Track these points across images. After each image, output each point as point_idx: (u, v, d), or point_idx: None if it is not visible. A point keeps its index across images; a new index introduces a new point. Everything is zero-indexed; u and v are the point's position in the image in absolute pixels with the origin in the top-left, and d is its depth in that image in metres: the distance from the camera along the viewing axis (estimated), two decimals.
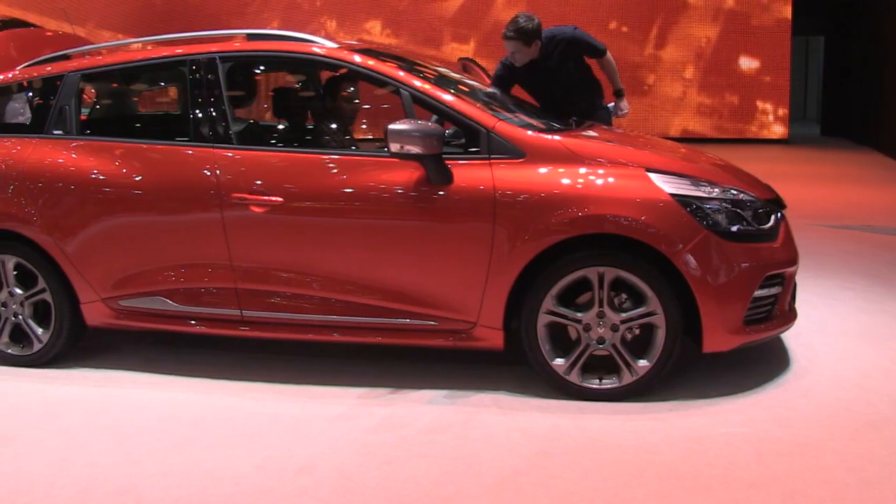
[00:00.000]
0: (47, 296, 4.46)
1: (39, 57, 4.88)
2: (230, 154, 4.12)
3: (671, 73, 16.20)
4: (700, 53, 16.02)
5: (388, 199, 3.87)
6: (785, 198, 4.21)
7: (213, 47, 4.37)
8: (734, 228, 3.74)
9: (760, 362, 4.19)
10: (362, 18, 17.53)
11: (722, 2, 15.87)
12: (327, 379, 4.16)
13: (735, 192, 3.84)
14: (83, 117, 4.70)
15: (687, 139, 12.94)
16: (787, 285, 3.94)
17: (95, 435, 3.67)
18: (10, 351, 4.57)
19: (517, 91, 5.52)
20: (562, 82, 5.45)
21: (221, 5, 17.71)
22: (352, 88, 4.87)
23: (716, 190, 3.79)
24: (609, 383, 3.79)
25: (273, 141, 4.76)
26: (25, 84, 4.88)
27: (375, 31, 17.25)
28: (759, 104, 16.01)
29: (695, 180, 3.80)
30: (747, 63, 15.88)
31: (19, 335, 4.56)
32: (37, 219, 4.37)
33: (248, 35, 4.52)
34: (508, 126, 3.89)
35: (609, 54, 5.65)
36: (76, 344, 4.60)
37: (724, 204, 3.76)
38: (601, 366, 3.81)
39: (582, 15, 15.52)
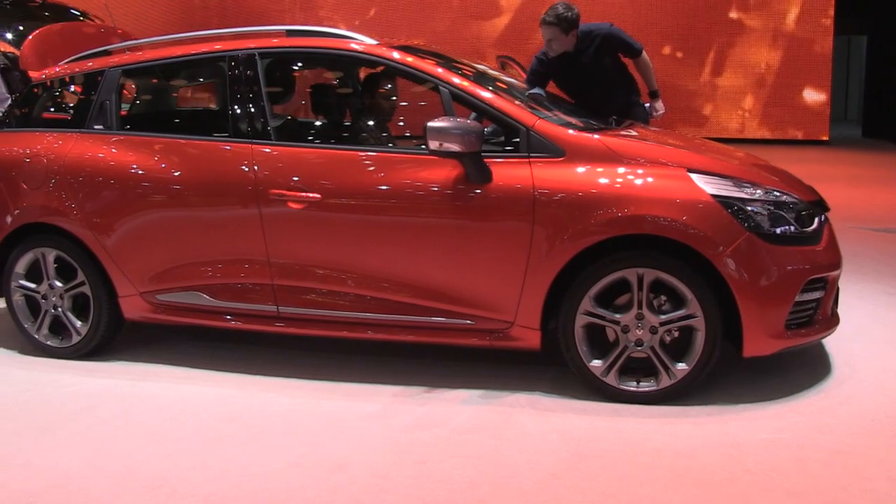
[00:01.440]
0: (86, 289, 4.50)
1: (82, 52, 4.92)
2: (269, 150, 4.12)
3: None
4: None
5: (427, 196, 3.84)
6: (826, 200, 4.13)
7: (253, 43, 4.38)
8: (777, 231, 3.67)
9: (801, 368, 4.12)
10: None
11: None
12: (362, 376, 4.16)
13: (778, 194, 3.77)
14: (123, 112, 4.74)
15: (725, 139, 12.77)
16: (830, 290, 3.86)
17: (131, 428, 3.70)
18: (49, 343, 4.63)
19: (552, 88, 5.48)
20: (597, 78, 5.40)
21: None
22: (390, 85, 4.86)
23: (758, 191, 3.73)
24: (646, 386, 3.75)
25: (311, 137, 4.76)
26: (68, 79, 4.93)
27: None
28: (803, 115, 15.70)
29: (737, 181, 3.74)
30: (789, 69, 15.57)
31: (59, 327, 4.62)
32: (77, 213, 4.41)
33: (288, 31, 4.52)
34: (548, 124, 3.85)
35: (645, 54, 5.59)
36: (114, 337, 4.64)
37: (766, 206, 3.69)
38: (639, 368, 3.76)
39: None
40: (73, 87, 5.08)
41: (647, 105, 5.70)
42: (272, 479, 3.20)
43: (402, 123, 5.23)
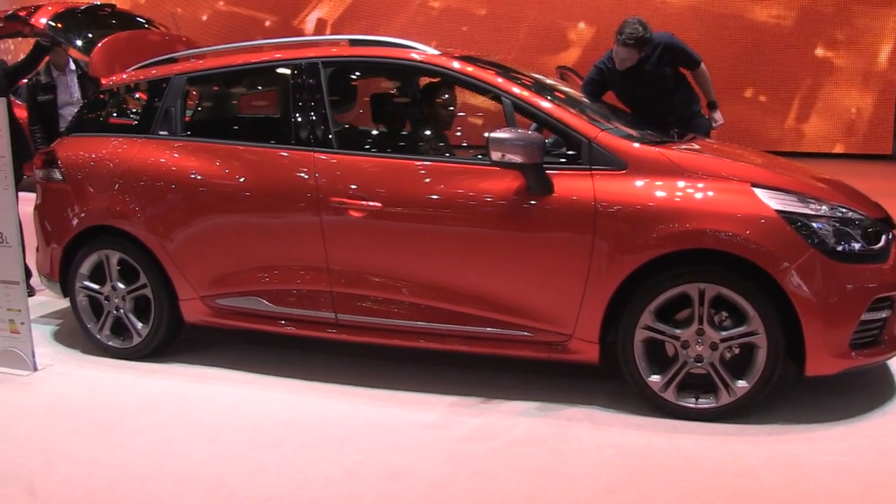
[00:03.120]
0: (148, 291, 4.58)
1: (148, 60, 5.02)
2: (331, 158, 4.15)
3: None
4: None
5: (487, 207, 3.84)
6: (893, 217, 4.03)
7: (316, 52, 4.43)
8: (842, 248, 3.60)
9: (865, 389, 4.03)
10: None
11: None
12: (418, 385, 4.17)
13: (844, 210, 3.70)
14: (187, 119, 4.81)
15: (784, 152, 12.50)
16: None
17: (190, 430, 3.75)
18: (111, 343, 4.72)
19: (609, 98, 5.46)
20: (658, 88, 5.38)
21: None
22: (450, 95, 4.87)
23: (824, 207, 3.66)
24: (705, 403, 3.70)
25: (373, 146, 4.79)
26: (133, 86, 5.03)
27: None
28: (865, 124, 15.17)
29: (802, 196, 3.67)
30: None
31: (120, 328, 4.71)
32: (140, 216, 4.50)
33: (351, 41, 4.57)
34: (611, 136, 3.83)
35: (703, 66, 5.57)
36: (173, 339, 4.72)
37: (832, 222, 3.62)
38: (698, 384, 3.71)
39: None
40: (138, 94, 5.19)
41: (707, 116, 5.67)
42: (329, 485, 3.22)
43: (459, 133, 5.24)
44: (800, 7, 14.43)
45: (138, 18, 9.96)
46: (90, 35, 8.65)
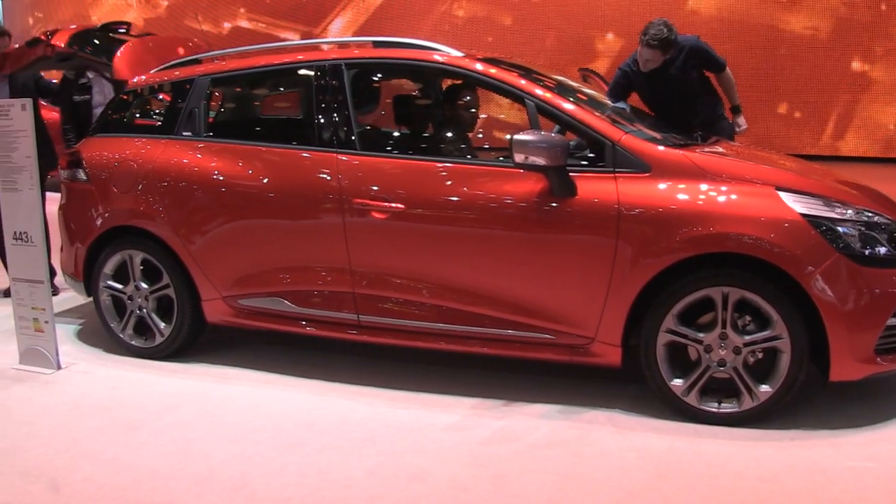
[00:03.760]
0: (170, 291, 4.61)
1: (172, 61, 5.05)
2: (354, 160, 4.16)
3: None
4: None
5: (511, 209, 3.83)
6: None
7: (339, 54, 4.43)
8: (868, 252, 3.57)
9: (890, 394, 3.99)
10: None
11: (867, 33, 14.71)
12: (440, 387, 4.16)
13: (870, 215, 3.66)
14: (210, 120, 4.83)
15: (816, 157, 12.35)
16: None
17: (212, 429, 3.77)
18: (133, 342, 4.75)
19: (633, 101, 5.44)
20: (683, 90, 5.36)
21: None
22: (472, 97, 4.86)
23: (849, 211, 3.63)
24: (728, 407, 3.68)
25: (396, 148, 4.79)
26: (158, 87, 5.06)
27: None
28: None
29: (827, 200, 3.65)
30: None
31: (143, 328, 4.74)
32: (163, 217, 4.52)
33: (374, 42, 4.57)
34: (635, 139, 3.81)
35: (728, 70, 5.54)
36: (195, 339, 4.74)
37: (857, 226, 3.59)
38: (720, 389, 3.69)
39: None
40: (162, 95, 5.21)
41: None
42: (351, 486, 3.22)
43: (481, 135, 5.24)
44: (836, 18, 14.13)
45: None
46: (110, 50, 8.68)
